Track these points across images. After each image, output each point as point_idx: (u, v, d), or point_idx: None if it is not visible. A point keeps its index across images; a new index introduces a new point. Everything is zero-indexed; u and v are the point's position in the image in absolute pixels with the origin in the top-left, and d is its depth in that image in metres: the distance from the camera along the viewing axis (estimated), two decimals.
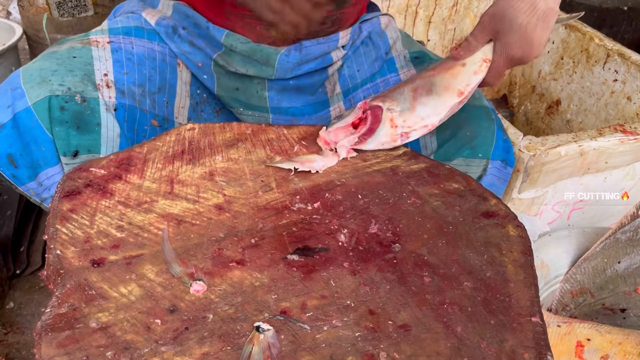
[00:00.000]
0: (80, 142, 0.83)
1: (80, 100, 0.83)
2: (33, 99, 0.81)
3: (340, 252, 0.67)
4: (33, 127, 0.81)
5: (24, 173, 0.84)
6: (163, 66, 0.94)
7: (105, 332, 0.55)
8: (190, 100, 0.97)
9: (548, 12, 0.76)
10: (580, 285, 1.06)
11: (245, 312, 0.58)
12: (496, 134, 0.91)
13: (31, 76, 0.83)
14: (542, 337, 0.59)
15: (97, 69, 0.87)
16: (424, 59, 1.00)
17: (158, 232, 0.67)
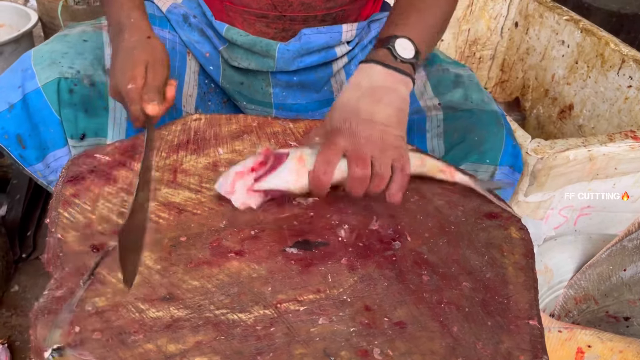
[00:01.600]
0: (88, 125, 0.84)
1: (89, 84, 0.84)
2: (43, 80, 0.82)
3: (340, 247, 0.67)
4: (42, 108, 0.82)
5: (32, 154, 0.85)
6: (172, 54, 0.94)
7: (100, 317, 0.55)
8: (199, 90, 0.98)
9: (376, 89, 0.67)
10: (584, 292, 1.05)
11: (241, 303, 0.58)
12: (505, 140, 0.90)
13: (42, 58, 0.84)
14: (539, 340, 0.58)
15: (107, 53, 0.88)
16: (434, 61, 1.00)
17: (159, 220, 0.68)
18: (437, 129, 0.93)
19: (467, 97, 0.93)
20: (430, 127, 0.93)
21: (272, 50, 0.92)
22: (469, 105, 0.92)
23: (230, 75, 0.96)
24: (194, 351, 0.53)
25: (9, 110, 0.82)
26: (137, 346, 0.53)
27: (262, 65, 0.94)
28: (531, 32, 1.69)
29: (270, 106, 0.98)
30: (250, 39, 0.92)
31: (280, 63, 0.93)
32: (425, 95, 0.96)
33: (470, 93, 0.94)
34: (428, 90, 0.96)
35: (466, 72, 0.99)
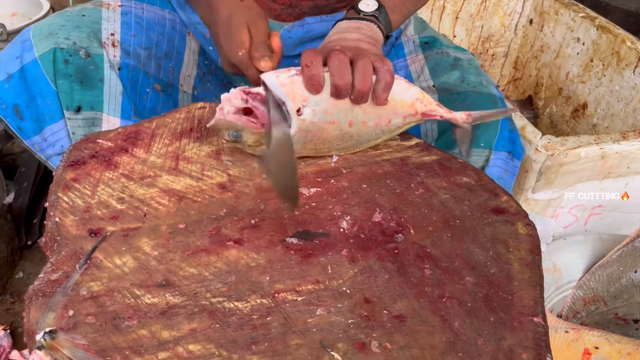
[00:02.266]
0: (83, 97, 0.85)
1: (85, 55, 0.85)
2: (40, 50, 0.83)
3: (341, 238, 0.65)
4: (39, 79, 0.83)
5: (29, 126, 0.86)
6: (172, 33, 0.94)
7: (95, 301, 0.54)
8: (198, 70, 0.97)
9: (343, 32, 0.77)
10: (593, 293, 1.03)
11: (237, 291, 0.57)
12: (500, 123, 0.87)
13: (40, 30, 0.85)
14: (542, 338, 0.56)
15: (104, 28, 0.89)
16: (434, 45, 0.97)
17: (159, 206, 0.67)
18: None
19: (464, 80, 0.91)
20: None
21: None
22: (465, 87, 0.90)
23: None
24: (188, 338, 0.52)
25: (7, 80, 0.84)
26: (130, 332, 0.52)
27: None
28: (546, 29, 1.67)
29: None
30: None
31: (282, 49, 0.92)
32: (421, 77, 0.94)
33: (468, 75, 0.92)
34: (425, 73, 0.94)
35: (466, 56, 0.97)
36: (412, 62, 0.96)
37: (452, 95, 0.90)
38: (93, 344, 0.50)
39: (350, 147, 0.76)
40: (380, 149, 0.82)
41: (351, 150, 0.78)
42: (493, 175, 0.89)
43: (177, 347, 0.51)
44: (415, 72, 0.95)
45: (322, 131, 0.71)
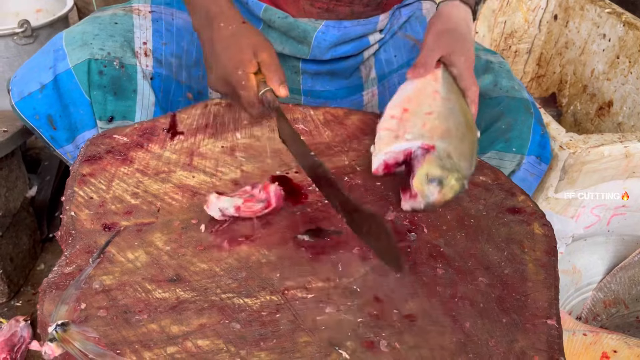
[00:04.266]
0: (116, 107, 0.85)
1: (119, 66, 0.84)
2: (74, 61, 0.82)
3: (353, 236, 0.65)
4: (72, 89, 0.83)
5: (62, 135, 0.87)
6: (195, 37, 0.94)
7: (107, 295, 0.55)
8: None
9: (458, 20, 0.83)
10: (614, 295, 1.00)
11: (248, 288, 0.57)
12: (533, 128, 0.86)
13: (73, 39, 0.85)
14: (556, 341, 0.55)
15: (137, 36, 0.88)
16: None
17: (172, 202, 0.67)
18: None
19: (497, 84, 0.90)
20: None
21: (309, 37, 0.90)
22: (498, 92, 0.89)
23: None
24: (197, 334, 0.52)
25: (40, 90, 0.84)
26: (140, 326, 0.52)
27: (295, 51, 0.92)
28: (571, 25, 1.63)
29: (299, 93, 0.97)
30: (289, 22, 0.90)
31: (315, 51, 0.91)
32: None
33: (500, 80, 0.91)
34: None
35: (497, 59, 0.96)
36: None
37: (485, 100, 0.89)
38: (104, 337, 0.51)
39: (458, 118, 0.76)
40: None
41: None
42: (518, 178, 0.88)
43: (186, 342, 0.51)
44: None
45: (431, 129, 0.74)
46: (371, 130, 0.84)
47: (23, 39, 1.42)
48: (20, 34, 1.41)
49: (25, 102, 0.84)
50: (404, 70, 0.98)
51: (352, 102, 1.00)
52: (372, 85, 1.00)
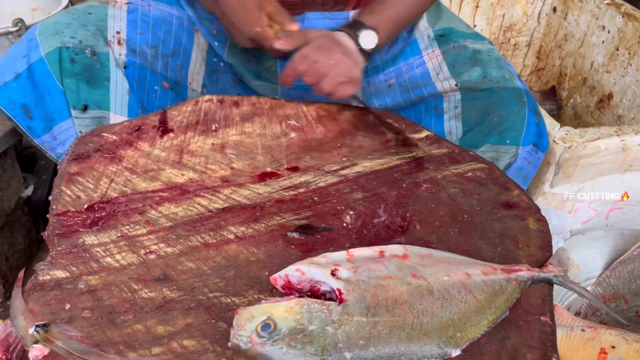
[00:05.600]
0: (90, 95, 0.85)
1: (90, 54, 0.85)
2: (45, 49, 0.83)
3: (344, 233, 0.64)
4: (46, 78, 0.83)
5: (39, 125, 0.87)
6: (179, 31, 0.93)
7: (92, 295, 0.54)
8: (206, 67, 0.96)
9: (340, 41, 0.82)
10: (613, 290, 0.99)
11: (235, 287, 0.56)
12: (527, 118, 0.84)
13: (46, 28, 0.85)
14: (549, 337, 0.54)
15: (110, 26, 0.89)
16: (450, 37, 0.94)
17: (161, 200, 0.66)
18: (454, 110, 0.88)
19: (486, 75, 0.88)
20: (448, 108, 0.89)
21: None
22: (488, 83, 0.87)
23: (237, 52, 0.94)
24: (183, 334, 0.51)
25: (15, 79, 0.84)
26: (126, 326, 0.52)
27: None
28: (570, 17, 1.61)
29: (276, 83, 0.96)
30: None
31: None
32: (441, 75, 0.91)
33: (489, 70, 0.88)
34: (444, 71, 0.91)
35: (485, 47, 0.93)
36: (429, 58, 0.93)
37: (475, 93, 0.87)
38: (88, 338, 0.50)
39: (448, 310, 0.52)
40: (390, 142, 0.80)
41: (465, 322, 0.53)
42: (516, 167, 0.87)
43: (172, 342, 0.51)
44: (433, 70, 0.92)
45: (384, 288, 0.51)
46: (364, 126, 0.83)
47: (17, 37, 1.42)
48: (14, 32, 1.40)
49: (2, 92, 0.84)
50: (390, 69, 0.97)
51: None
52: None
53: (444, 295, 0.52)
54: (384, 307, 0.50)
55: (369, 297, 0.50)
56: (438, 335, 0.51)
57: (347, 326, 0.48)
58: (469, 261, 0.59)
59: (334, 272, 0.52)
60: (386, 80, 0.95)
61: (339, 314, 0.48)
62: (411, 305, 0.51)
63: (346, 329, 0.48)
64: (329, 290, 0.51)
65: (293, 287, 0.52)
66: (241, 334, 0.47)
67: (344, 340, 0.48)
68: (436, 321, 0.51)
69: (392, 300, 0.50)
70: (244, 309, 0.48)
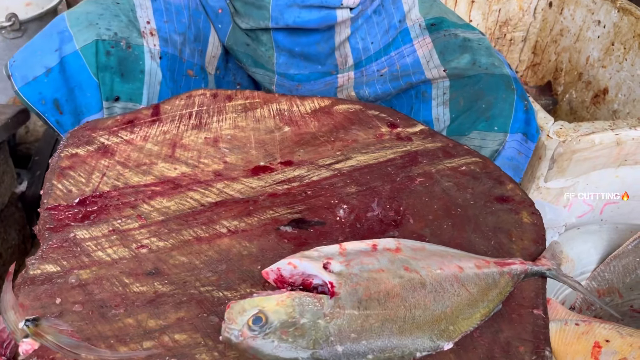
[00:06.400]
0: (123, 89, 0.83)
1: (126, 46, 0.83)
2: (81, 42, 0.80)
3: (337, 227, 0.64)
4: (79, 72, 0.81)
5: (68, 120, 0.85)
6: (197, 15, 0.92)
7: (83, 289, 0.54)
8: (222, 50, 0.96)
9: None
10: (608, 284, 0.99)
11: (227, 280, 0.56)
12: (515, 105, 0.84)
13: (78, 19, 0.82)
14: (542, 331, 0.54)
15: (139, 16, 0.87)
16: (441, 26, 0.93)
17: (153, 194, 0.66)
18: (442, 96, 0.88)
19: (475, 62, 0.87)
20: (436, 95, 0.88)
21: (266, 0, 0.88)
22: (477, 70, 0.86)
23: (238, 35, 0.93)
24: (174, 327, 0.51)
25: (46, 74, 0.81)
26: (116, 320, 0.51)
27: (258, 18, 0.90)
28: (566, 12, 1.61)
29: (272, 72, 0.95)
30: None
31: (275, 13, 0.88)
32: (430, 63, 0.91)
33: (479, 57, 0.88)
34: (434, 59, 0.91)
35: (476, 36, 0.93)
36: (420, 46, 0.93)
37: (463, 79, 0.86)
38: (78, 332, 0.50)
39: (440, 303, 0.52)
40: (383, 135, 0.80)
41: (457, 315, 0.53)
42: (506, 157, 0.86)
43: (163, 336, 0.50)
44: (423, 57, 0.92)
45: (376, 282, 0.51)
46: (358, 120, 0.83)
47: (11, 32, 1.41)
48: (8, 27, 1.40)
49: (31, 87, 0.82)
50: (382, 58, 0.96)
51: (325, 83, 0.98)
52: (348, 71, 0.99)
53: (436, 288, 0.52)
54: (376, 300, 0.50)
55: (361, 290, 0.49)
56: (430, 328, 0.50)
57: (339, 319, 0.48)
58: (462, 254, 0.59)
59: (326, 265, 0.52)
60: (378, 70, 0.95)
61: (330, 307, 0.48)
62: (403, 298, 0.50)
63: (338, 322, 0.48)
64: (321, 284, 0.51)
65: (285, 280, 0.52)
66: (232, 328, 0.47)
67: (336, 333, 0.47)
68: (429, 314, 0.51)
69: (385, 294, 0.50)
70: (236, 302, 0.48)
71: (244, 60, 0.95)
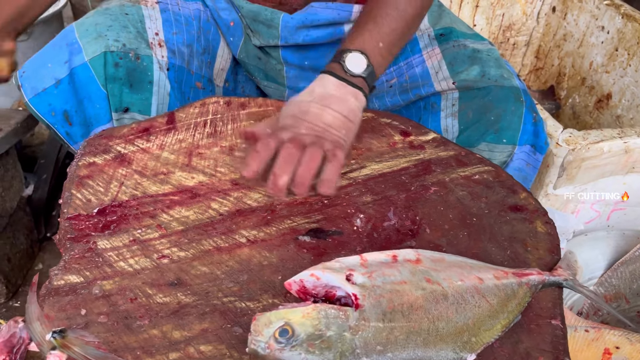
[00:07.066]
0: (132, 99, 0.84)
1: (134, 58, 0.83)
2: (90, 54, 0.81)
3: (355, 236, 0.64)
4: (88, 83, 0.81)
5: (78, 131, 0.85)
6: (207, 27, 0.93)
7: (107, 300, 0.54)
8: (231, 63, 0.96)
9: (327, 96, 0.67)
10: (615, 290, 1.00)
11: (249, 291, 0.57)
12: (524, 117, 0.84)
13: (87, 31, 0.83)
14: (561, 341, 0.55)
15: (148, 27, 0.87)
16: (450, 37, 0.94)
17: (172, 203, 0.66)
18: (451, 107, 0.88)
19: (485, 74, 0.88)
20: (445, 106, 0.89)
21: (276, 19, 0.88)
22: (486, 82, 0.86)
23: (250, 48, 0.93)
24: (199, 339, 0.52)
25: (56, 85, 0.82)
26: (142, 331, 0.52)
27: (268, 36, 0.91)
28: (569, 17, 1.62)
29: (284, 86, 0.96)
30: (255, 7, 0.89)
31: (285, 33, 0.89)
32: (440, 75, 0.91)
33: (488, 69, 0.88)
34: (443, 69, 0.91)
35: (485, 47, 0.93)
36: (429, 56, 0.94)
37: (472, 92, 0.87)
38: (105, 343, 0.50)
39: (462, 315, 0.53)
40: (397, 144, 0.80)
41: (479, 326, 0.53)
42: (514, 169, 0.87)
43: (188, 348, 0.51)
44: (432, 68, 0.92)
45: (399, 294, 0.51)
46: (371, 128, 0.83)
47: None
48: None
49: (40, 98, 0.82)
50: (390, 68, 0.97)
51: None
52: None
53: (458, 300, 0.53)
54: (400, 312, 0.50)
55: (384, 302, 0.50)
56: (454, 340, 0.51)
57: (364, 332, 0.48)
58: (481, 265, 0.59)
59: (349, 277, 0.52)
60: (387, 80, 0.95)
61: (356, 320, 0.49)
62: (427, 310, 0.51)
63: (364, 335, 0.48)
64: (344, 296, 0.51)
65: (308, 292, 0.53)
66: (259, 340, 0.47)
67: (362, 346, 0.48)
68: (451, 326, 0.51)
69: (408, 306, 0.51)
70: (261, 314, 0.49)
71: (255, 74, 0.95)
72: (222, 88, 0.96)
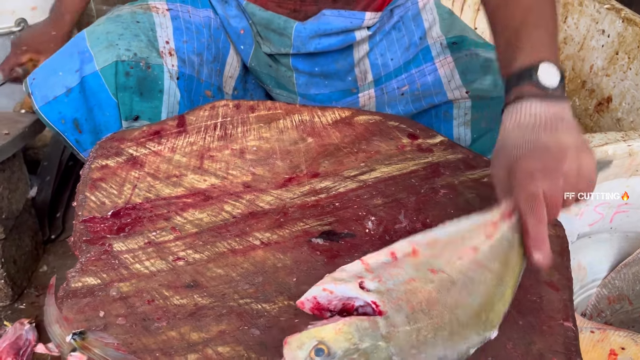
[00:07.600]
0: (142, 108, 0.84)
1: (145, 67, 0.83)
2: (101, 63, 0.81)
3: (367, 239, 0.65)
4: (99, 92, 0.82)
5: (87, 139, 0.86)
6: (217, 35, 0.93)
7: (124, 302, 0.55)
8: (240, 71, 0.96)
9: (546, 120, 0.57)
10: (618, 292, 1.01)
11: (265, 293, 0.57)
12: None
13: (98, 39, 0.83)
14: (573, 342, 0.56)
15: (159, 35, 0.87)
16: (463, 45, 0.95)
17: (185, 206, 0.67)
18: (464, 116, 0.89)
19: (498, 84, 0.89)
20: (458, 115, 0.90)
21: (289, 28, 0.89)
22: (499, 92, 0.88)
23: (260, 56, 0.94)
24: (217, 340, 0.52)
25: (67, 94, 0.82)
26: (160, 333, 0.52)
27: (279, 44, 0.91)
28: (570, 20, 1.63)
29: (295, 93, 0.96)
30: (268, 14, 0.89)
31: (297, 42, 0.90)
32: (452, 83, 0.92)
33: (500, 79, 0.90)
34: (456, 78, 0.92)
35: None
36: (441, 65, 0.94)
37: (485, 101, 0.88)
38: (124, 345, 0.51)
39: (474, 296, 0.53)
40: (405, 147, 0.81)
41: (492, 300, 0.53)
42: None
43: (207, 349, 0.51)
44: (445, 77, 0.93)
45: (413, 292, 0.51)
46: (379, 131, 0.84)
47: None
48: (17, 32, 1.40)
49: (51, 107, 0.83)
50: (402, 75, 0.97)
51: (348, 104, 1.00)
52: (369, 88, 0.99)
53: (465, 282, 0.52)
54: (421, 311, 0.50)
55: (404, 304, 0.50)
56: (475, 323, 0.51)
57: (395, 338, 0.48)
58: (467, 227, 0.57)
59: (361, 284, 0.51)
60: (399, 87, 0.96)
61: (386, 327, 0.48)
62: (443, 302, 0.51)
63: (396, 341, 0.48)
64: (363, 305, 0.51)
65: (323, 307, 0.52)
66: None
67: (397, 352, 0.48)
68: (469, 310, 0.51)
69: (425, 303, 0.51)
70: (291, 337, 0.47)
71: (267, 82, 0.96)
72: (231, 96, 0.96)
